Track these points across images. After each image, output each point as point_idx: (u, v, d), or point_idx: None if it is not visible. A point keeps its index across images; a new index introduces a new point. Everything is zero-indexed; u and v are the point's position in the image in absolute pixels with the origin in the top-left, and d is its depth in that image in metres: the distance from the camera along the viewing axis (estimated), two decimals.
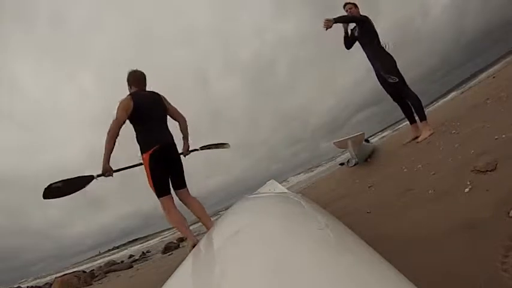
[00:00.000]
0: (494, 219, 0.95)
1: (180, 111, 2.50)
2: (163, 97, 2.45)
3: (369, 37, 3.33)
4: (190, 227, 2.34)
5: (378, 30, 3.38)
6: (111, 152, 2.16)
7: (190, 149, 2.64)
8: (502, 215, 0.95)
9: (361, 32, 3.36)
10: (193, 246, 2.69)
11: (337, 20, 3.16)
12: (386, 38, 3.44)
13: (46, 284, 7.10)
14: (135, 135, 2.29)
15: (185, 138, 2.57)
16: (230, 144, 3.15)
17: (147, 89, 2.58)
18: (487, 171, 1.33)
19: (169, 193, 2.33)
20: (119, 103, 2.23)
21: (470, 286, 0.72)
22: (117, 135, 2.14)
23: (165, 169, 2.30)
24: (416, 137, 3.28)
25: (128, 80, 2.47)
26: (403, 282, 0.41)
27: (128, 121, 2.23)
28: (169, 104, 2.49)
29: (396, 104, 3.49)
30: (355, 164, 3.99)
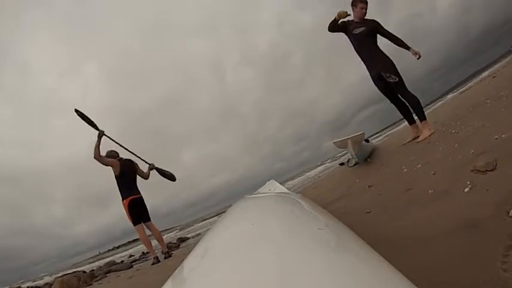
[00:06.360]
0: (494, 219, 0.95)
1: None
2: (136, 163, 4.06)
3: (373, 38, 3.33)
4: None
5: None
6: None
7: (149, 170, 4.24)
8: (502, 215, 0.95)
9: (367, 33, 3.30)
10: (155, 258, 3.78)
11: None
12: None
13: (46, 284, 7.09)
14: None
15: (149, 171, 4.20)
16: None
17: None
18: (487, 170, 1.33)
19: (140, 223, 3.86)
20: (112, 160, 3.85)
21: (471, 286, 0.72)
22: (98, 158, 3.68)
23: (136, 211, 3.86)
24: (417, 137, 3.28)
25: (110, 157, 3.88)
26: (403, 282, 0.41)
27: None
28: (140, 169, 4.08)
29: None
30: (355, 164, 3.99)
